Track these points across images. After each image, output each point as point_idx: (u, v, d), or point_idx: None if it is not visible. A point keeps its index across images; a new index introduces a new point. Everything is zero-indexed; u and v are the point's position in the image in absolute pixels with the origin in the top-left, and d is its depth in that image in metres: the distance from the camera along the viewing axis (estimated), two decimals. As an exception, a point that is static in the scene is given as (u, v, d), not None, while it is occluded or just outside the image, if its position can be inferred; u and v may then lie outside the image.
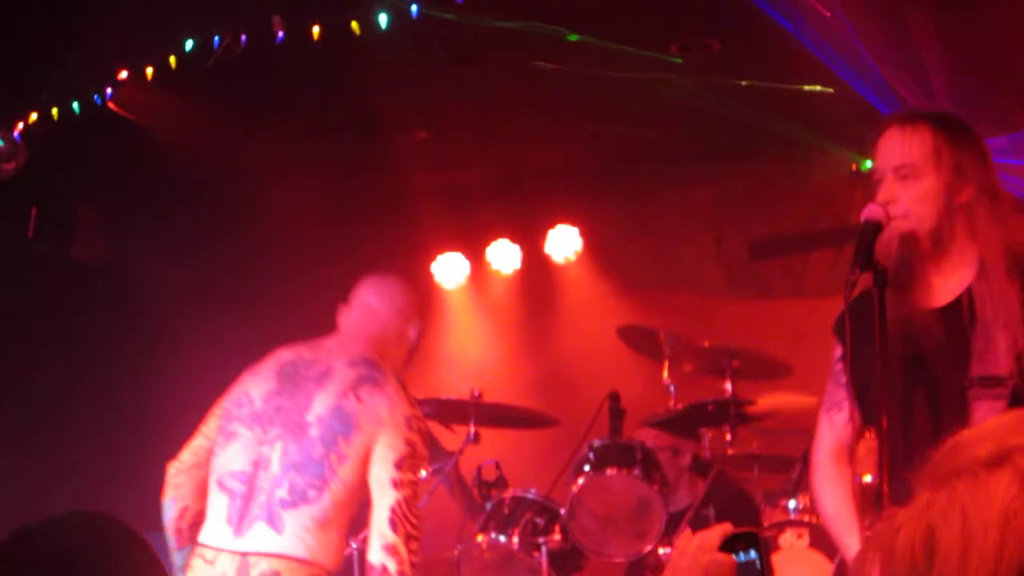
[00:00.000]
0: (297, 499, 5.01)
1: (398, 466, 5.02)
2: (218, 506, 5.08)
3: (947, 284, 4.09)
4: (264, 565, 4.87)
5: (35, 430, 7.90)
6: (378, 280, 5.63)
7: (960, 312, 4.05)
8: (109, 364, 7.93)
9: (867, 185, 7.58)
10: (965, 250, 4.10)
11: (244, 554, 4.93)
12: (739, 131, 7.88)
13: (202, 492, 5.21)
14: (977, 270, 4.07)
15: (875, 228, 4.01)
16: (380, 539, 4.93)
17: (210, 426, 5.33)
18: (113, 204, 8.46)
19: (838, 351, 4.31)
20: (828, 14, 6.27)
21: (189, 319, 8.27)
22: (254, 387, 5.32)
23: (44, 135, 7.31)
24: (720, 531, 2.00)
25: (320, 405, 5.15)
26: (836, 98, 7.37)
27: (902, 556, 1.53)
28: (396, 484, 5.00)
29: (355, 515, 5.22)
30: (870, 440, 4.05)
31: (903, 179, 4.11)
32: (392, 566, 4.91)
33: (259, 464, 5.08)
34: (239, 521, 4.98)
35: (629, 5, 6.37)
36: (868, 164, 7.89)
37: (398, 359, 5.45)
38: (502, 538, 6.12)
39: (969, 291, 4.05)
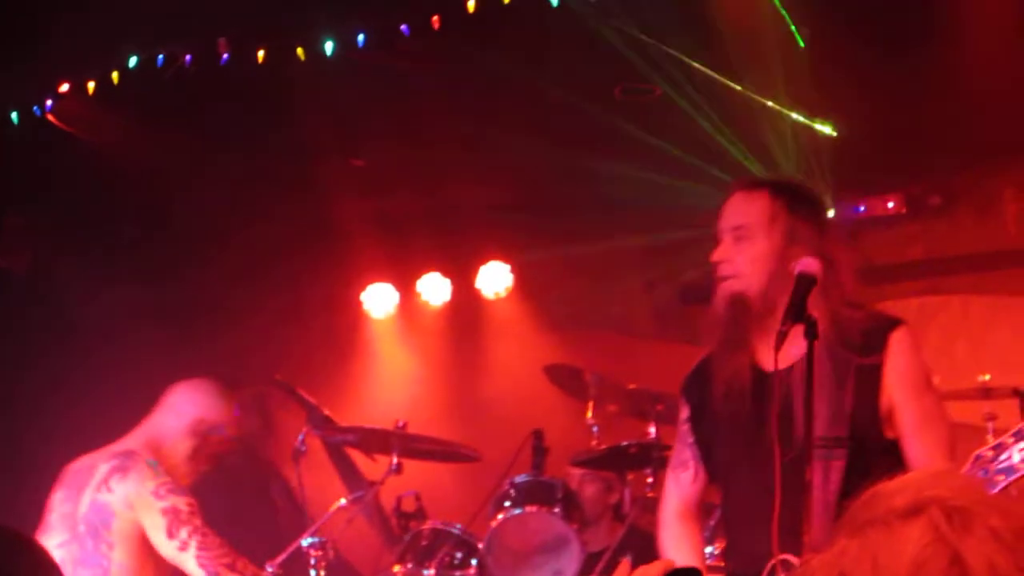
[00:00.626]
0: None
1: (170, 534, 5.19)
2: None
3: (785, 348, 4.13)
4: None
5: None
6: (175, 387, 5.75)
7: (798, 376, 4.09)
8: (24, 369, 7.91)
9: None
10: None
11: None
12: (676, 171, 7.96)
13: None
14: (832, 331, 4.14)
15: (809, 281, 4.04)
16: None
17: None
18: (42, 213, 8.42)
19: (684, 412, 4.50)
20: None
21: (109, 331, 8.26)
22: (55, 497, 5.54)
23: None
24: (661, 566, 2.02)
25: (83, 504, 5.33)
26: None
27: None
28: (183, 547, 5.18)
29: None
30: None
31: (738, 240, 4.23)
32: None
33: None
34: None
35: (567, 47, 6.36)
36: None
37: (179, 454, 5.54)
38: (421, 570, 6.12)
39: (806, 357, 4.10)
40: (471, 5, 5.72)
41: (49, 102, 6.91)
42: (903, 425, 4.10)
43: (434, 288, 9.40)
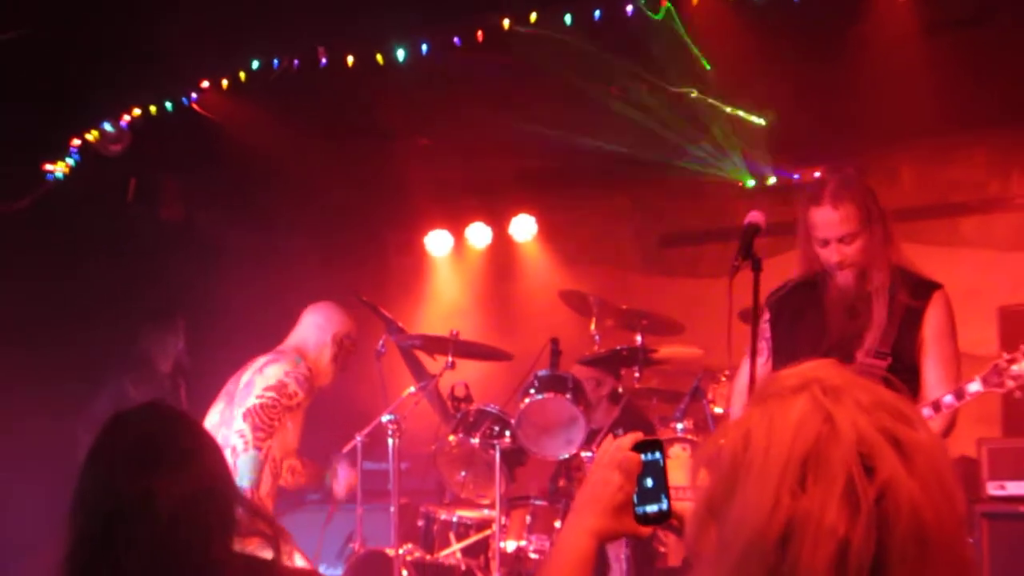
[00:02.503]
0: None
1: (261, 397, 5.26)
2: None
3: (864, 289, 4.21)
4: None
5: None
6: (311, 308, 5.85)
7: (871, 307, 4.18)
8: (182, 296, 7.93)
9: (749, 197, 7.71)
10: (874, 268, 4.23)
11: None
12: (659, 150, 7.93)
13: None
14: (880, 281, 4.17)
15: (755, 229, 4.06)
16: None
17: None
18: (191, 178, 8.46)
19: (766, 315, 4.40)
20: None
21: (244, 265, 8.32)
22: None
23: (143, 125, 7.31)
24: (632, 437, 1.99)
25: (242, 382, 5.40)
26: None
27: (728, 451, 1.58)
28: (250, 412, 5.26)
29: None
30: None
31: (844, 242, 4.19)
32: None
33: None
34: None
35: (576, 54, 6.34)
36: (751, 183, 8.00)
37: (324, 359, 5.62)
38: (468, 439, 6.15)
39: (875, 292, 4.18)
40: (506, 24, 5.68)
41: (194, 95, 6.91)
42: (927, 356, 4.14)
43: (478, 234, 9.43)
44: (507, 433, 5.99)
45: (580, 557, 1.91)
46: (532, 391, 5.98)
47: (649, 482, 1.94)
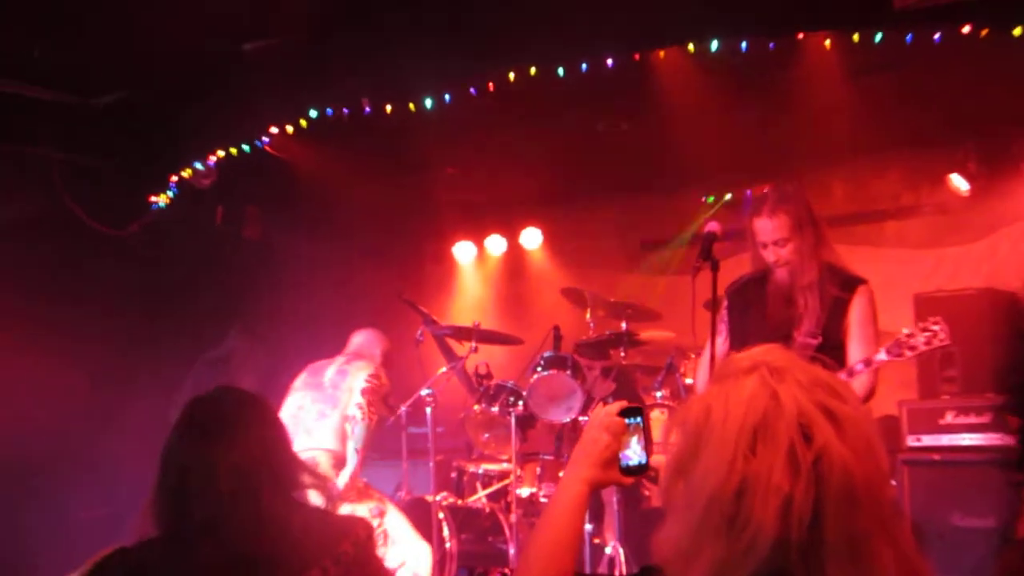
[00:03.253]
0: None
1: (359, 404, 5.36)
2: None
3: (799, 283, 4.18)
4: None
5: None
6: (359, 332, 5.94)
7: (804, 298, 4.16)
8: (262, 306, 7.95)
9: (710, 210, 7.69)
10: (806, 266, 4.19)
11: None
12: (639, 173, 7.94)
13: None
14: (812, 277, 4.14)
15: (712, 236, 4.06)
16: None
17: None
18: (267, 205, 8.47)
19: (725, 303, 4.39)
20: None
21: (309, 273, 8.34)
22: (298, 379, 5.68)
23: (227, 163, 7.31)
24: (618, 405, 2.00)
25: (328, 375, 5.52)
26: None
27: (693, 421, 1.57)
28: (361, 417, 5.32)
29: None
30: None
31: (779, 245, 4.18)
32: None
33: None
34: None
35: (570, 99, 6.33)
36: (711, 199, 7.97)
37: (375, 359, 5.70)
38: (489, 408, 6.16)
39: (809, 286, 4.16)
40: (511, 77, 5.66)
41: (265, 138, 6.91)
42: (852, 338, 4.11)
43: (496, 244, 9.42)
44: (520, 403, 6.01)
45: (576, 500, 1.93)
46: (539, 369, 6.01)
47: (631, 440, 1.95)
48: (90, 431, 6.90)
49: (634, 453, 1.94)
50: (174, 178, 7.39)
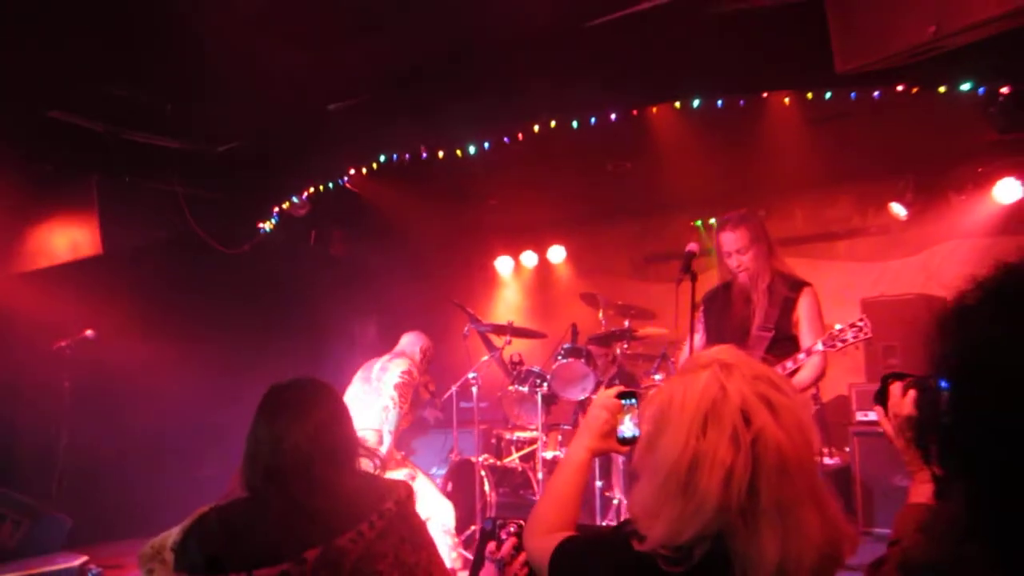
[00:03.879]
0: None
1: (396, 388, 5.25)
2: None
3: (756, 286, 4.10)
4: None
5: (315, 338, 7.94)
6: (407, 334, 5.80)
7: (759, 298, 4.08)
8: (346, 308, 7.99)
9: (695, 232, 7.62)
10: (761, 272, 4.11)
11: None
12: (641, 201, 7.89)
13: None
14: (766, 281, 4.08)
15: (691, 255, 4.06)
16: None
17: None
18: (349, 228, 8.53)
19: (702, 307, 4.33)
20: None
21: (381, 282, 8.36)
22: (356, 375, 5.55)
23: (317, 197, 7.37)
24: (616, 389, 2.00)
25: (375, 369, 5.41)
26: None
27: (658, 406, 1.57)
28: (392, 404, 5.21)
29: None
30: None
31: (740, 253, 4.12)
32: None
33: None
34: None
35: (584, 145, 6.30)
36: (698, 222, 7.91)
37: (417, 361, 5.57)
38: (521, 388, 6.15)
39: (764, 289, 4.08)
40: (536, 129, 5.65)
41: (345, 178, 6.95)
42: (801, 330, 4.02)
43: (528, 259, 9.34)
44: (545, 384, 5.97)
45: (580, 464, 1.94)
46: (560, 357, 5.96)
47: (626, 418, 1.95)
48: (213, 407, 6.97)
49: (628, 428, 1.94)
50: (276, 208, 7.47)
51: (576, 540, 1.68)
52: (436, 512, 5.14)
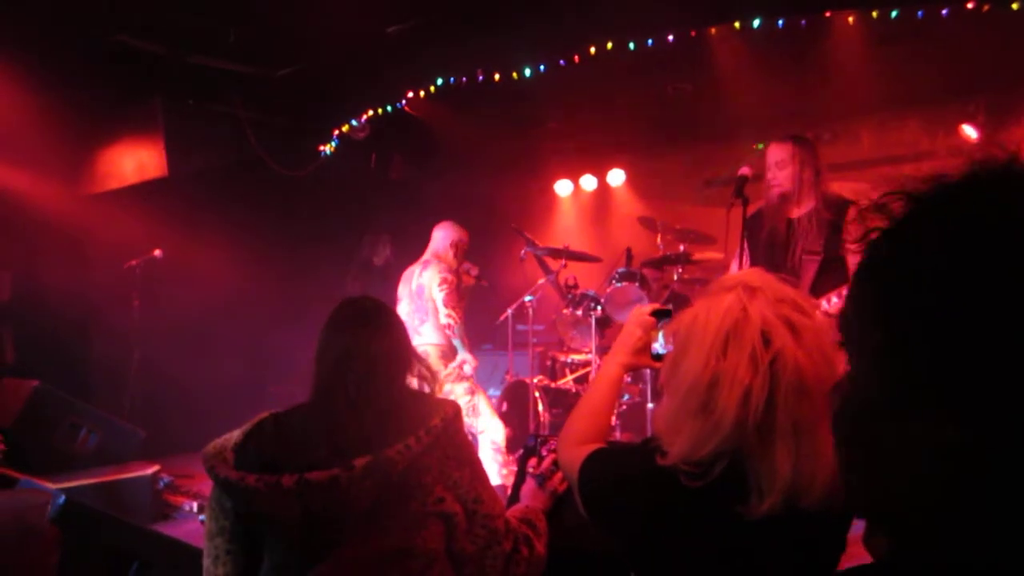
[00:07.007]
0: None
1: (440, 289, 5.36)
2: None
3: (799, 210, 4.03)
4: None
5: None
6: (439, 224, 5.79)
7: (802, 222, 4.01)
8: (403, 225, 8.11)
9: (758, 158, 7.47)
10: (805, 196, 4.03)
11: None
12: (700, 125, 7.78)
13: None
14: (811, 205, 4.03)
15: (743, 179, 4.02)
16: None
17: None
18: (408, 151, 8.58)
19: (747, 235, 4.25)
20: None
21: (440, 205, 8.41)
22: (399, 288, 5.68)
23: (376, 120, 7.43)
24: (651, 306, 2.03)
25: (414, 284, 5.52)
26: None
27: (684, 326, 1.60)
28: (443, 300, 5.35)
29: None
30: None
31: (778, 167, 4.05)
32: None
33: None
34: None
35: (644, 67, 6.20)
36: (760, 146, 7.74)
37: (449, 257, 5.61)
38: (575, 312, 6.20)
39: (808, 213, 4.01)
40: (592, 51, 5.59)
41: (404, 101, 6.98)
42: (849, 251, 3.93)
43: (588, 182, 9.29)
44: (599, 307, 5.99)
45: (613, 379, 1.98)
46: (614, 281, 5.97)
47: (659, 335, 1.98)
48: (276, 324, 7.21)
49: (660, 345, 1.96)
50: (336, 132, 7.56)
51: (605, 451, 1.74)
52: (490, 428, 5.30)
